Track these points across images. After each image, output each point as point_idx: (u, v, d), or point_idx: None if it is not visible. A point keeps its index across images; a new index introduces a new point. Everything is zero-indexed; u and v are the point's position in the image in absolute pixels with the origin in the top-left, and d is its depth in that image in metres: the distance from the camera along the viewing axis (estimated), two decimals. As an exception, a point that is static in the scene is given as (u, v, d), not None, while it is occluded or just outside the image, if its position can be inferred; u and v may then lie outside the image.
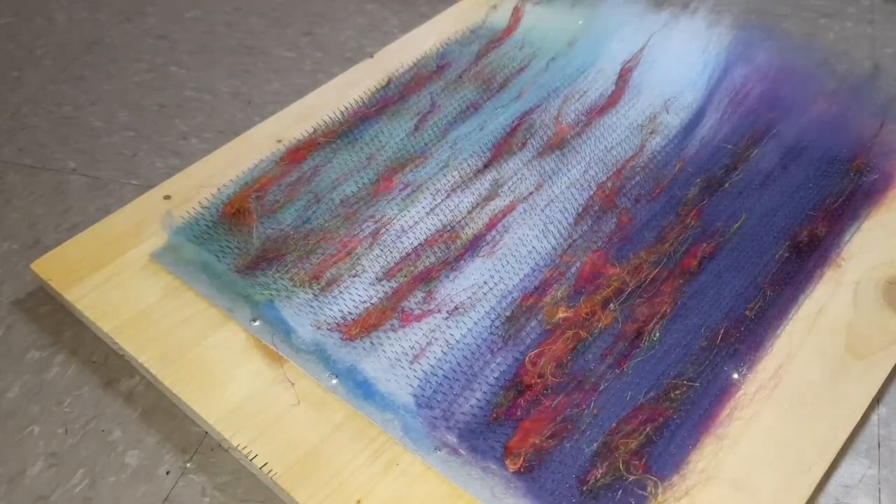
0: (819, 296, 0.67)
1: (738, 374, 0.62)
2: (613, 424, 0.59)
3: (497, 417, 0.60)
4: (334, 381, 0.63)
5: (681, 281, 0.68)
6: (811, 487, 0.56)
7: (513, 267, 0.70)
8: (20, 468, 0.62)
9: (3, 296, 0.75)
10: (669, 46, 0.90)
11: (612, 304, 0.66)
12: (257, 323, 0.67)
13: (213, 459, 0.62)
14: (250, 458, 0.59)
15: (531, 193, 0.76)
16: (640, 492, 0.55)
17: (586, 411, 0.60)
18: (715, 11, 0.95)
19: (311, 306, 0.67)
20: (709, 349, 0.63)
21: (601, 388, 0.61)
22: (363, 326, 0.65)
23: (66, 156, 0.90)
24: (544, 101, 0.86)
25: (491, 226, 0.73)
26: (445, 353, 0.64)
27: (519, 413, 0.60)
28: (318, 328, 0.65)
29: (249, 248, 0.72)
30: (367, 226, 0.73)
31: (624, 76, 0.88)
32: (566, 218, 0.74)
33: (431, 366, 0.63)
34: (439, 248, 0.72)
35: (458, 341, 0.65)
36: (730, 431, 0.59)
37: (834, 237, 0.71)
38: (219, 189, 0.78)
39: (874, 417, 0.64)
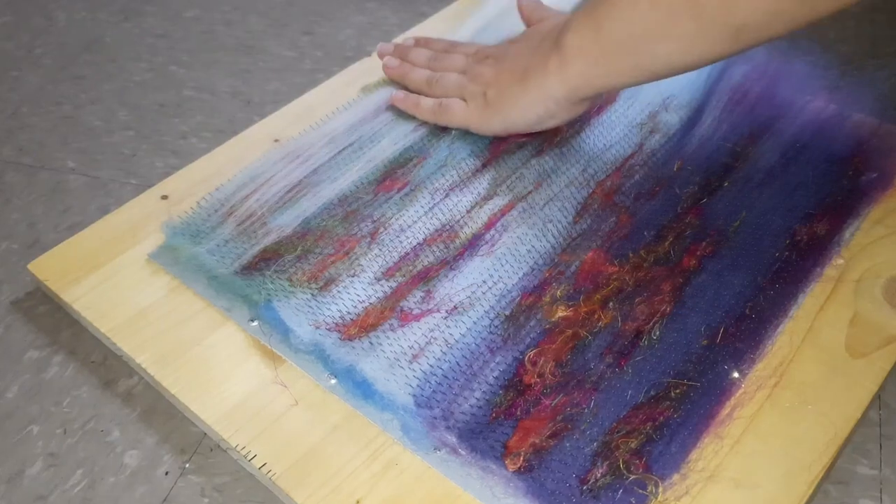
0: (819, 294, 0.67)
1: (739, 372, 0.62)
2: (613, 424, 0.59)
3: (497, 417, 0.60)
4: (333, 382, 0.63)
5: (680, 279, 0.68)
6: (811, 486, 0.56)
7: (512, 266, 0.70)
8: (19, 468, 0.62)
9: (2, 296, 0.75)
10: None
11: (611, 303, 0.66)
12: (255, 323, 0.67)
13: (212, 460, 0.62)
14: (249, 458, 0.59)
15: (530, 192, 0.76)
16: (640, 491, 0.55)
17: (586, 410, 0.59)
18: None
19: (310, 306, 0.67)
20: (709, 348, 0.63)
21: (601, 387, 0.61)
22: (362, 326, 0.65)
23: (66, 155, 0.90)
24: (544, 100, 0.86)
25: (490, 225, 0.73)
26: (445, 353, 0.64)
27: (518, 412, 0.60)
28: (317, 328, 0.65)
29: (247, 247, 0.72)
30: (366, 225, 0.73)
31: (623, 74, 0.88)
32: (565, 217, 0.74)
33: (430, 365, 0.63)
34: (438, 247, 0.71)
35: (457, 341, 0.65)
36: (730, 430, 0.59)
37: (834, 236, 0.71)
38: (217, 188, 0.78)
39: (875, 416, 0.64)
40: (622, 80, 0.69)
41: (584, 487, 0.55)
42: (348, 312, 0.67)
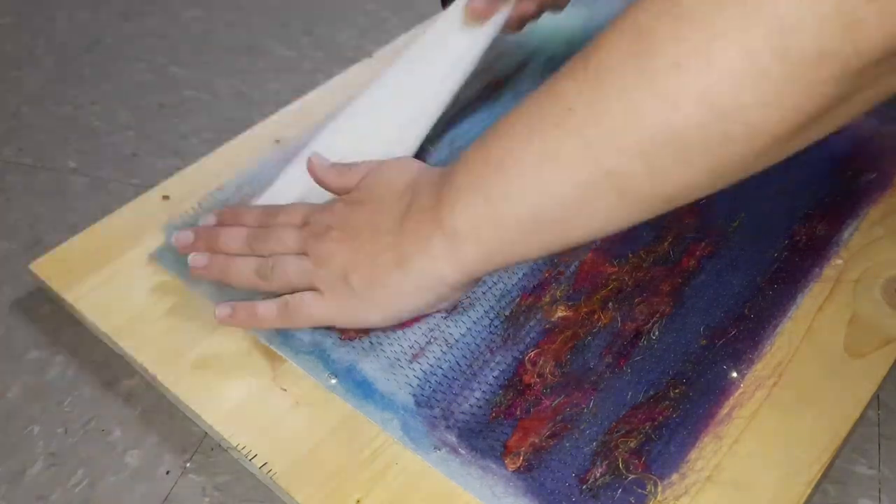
0: (818, 294, 0.67)
1: (738, 372, 0.62)
2: (613, 423, 0.59)
3: (496, 416, 0.60)
4: (333, 381, 0.63)
5: (679, 280, 0.68)
6: (810, 486, 0.56)
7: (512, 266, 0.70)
8: (20, 468, 0.62)
9: (3, 296, 0.75)
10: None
11: (610, 304, 0.66)
12: (256, 323, 0.67)
13: (213, 459, 0.62)
14: (249, 457, 0.59)
15: (530, 193, 0.76)
16: (639, 490, 0.55)
17: (585, 410, 0.60)
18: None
19: (311, 306, 0.67)
20: (708, 348, 0.63)
21: (600, 387, 0.61)
22: (362, 326, 0.65)
23: (66, 155, 0.90)
24: (543, 101, 0.86)
25: (490, 225, 0.73)
26: (444, 353, 0.64)
27: (518, 412, 0.60)
28: (317, 328, 0.65)
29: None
30: (367, 225, 0.73)
31: (623, 75, 0.88)
32: (565, 217, 0.74)
33: (431, 365, 0.63)
34: (438, 247, 0.71)
35: (457, 340, 0.65)
36: (729, 430, 0.59)
37: (833, 236, 0.71)
38: (218, 189, 0.78)
39: (873, 416, 0.64)
40: (529, 255, 0.58)
41: (584, 487, 0.56)
42: (349, 312, 0.67)
